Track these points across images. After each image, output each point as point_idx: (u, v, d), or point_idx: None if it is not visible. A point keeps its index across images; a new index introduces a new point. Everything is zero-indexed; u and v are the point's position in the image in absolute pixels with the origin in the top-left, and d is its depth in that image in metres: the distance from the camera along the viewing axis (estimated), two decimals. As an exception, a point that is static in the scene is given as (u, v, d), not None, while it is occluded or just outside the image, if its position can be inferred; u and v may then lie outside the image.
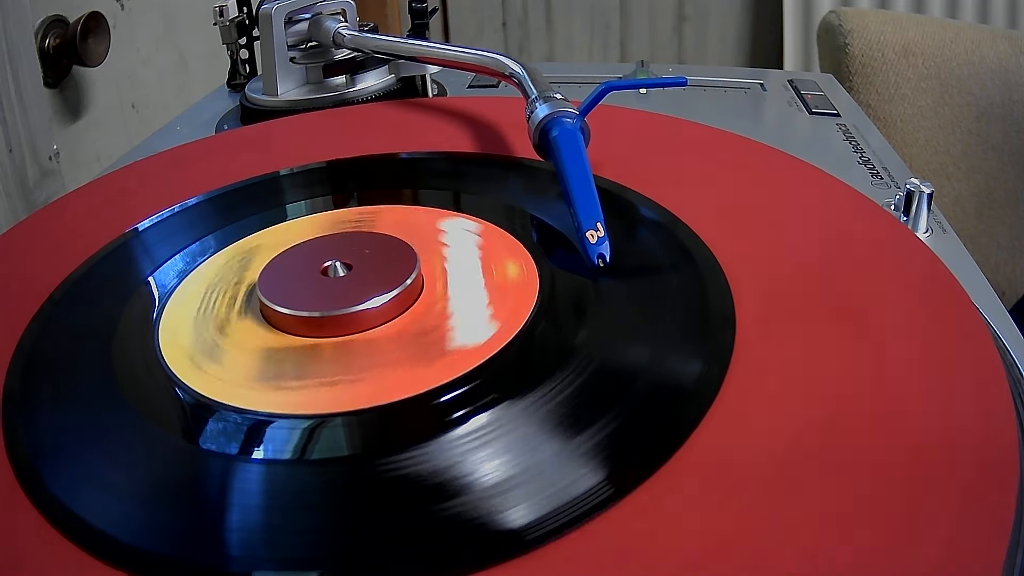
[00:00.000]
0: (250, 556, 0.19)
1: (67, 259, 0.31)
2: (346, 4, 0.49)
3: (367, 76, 0.49)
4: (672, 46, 1.45)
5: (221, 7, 0.55)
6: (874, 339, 0.23)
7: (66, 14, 0.57)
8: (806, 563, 0.17)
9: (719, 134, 0.37)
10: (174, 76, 0.74)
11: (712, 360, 0.23)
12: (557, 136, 0.31)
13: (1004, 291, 0.81)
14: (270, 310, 0.26)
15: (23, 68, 0.50)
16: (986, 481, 0.19)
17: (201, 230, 0.32)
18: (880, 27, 0.80)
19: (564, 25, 1.45)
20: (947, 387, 0.22)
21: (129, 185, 0.38)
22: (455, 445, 0.21)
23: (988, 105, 0.79)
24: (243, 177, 0.36)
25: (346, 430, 0.22)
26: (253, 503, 0.20)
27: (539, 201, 0.32)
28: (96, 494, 0.20)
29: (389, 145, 0.38)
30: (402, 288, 0.26)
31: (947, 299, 0.25)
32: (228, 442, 0.22)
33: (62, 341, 0.27)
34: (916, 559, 0.17)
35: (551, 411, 0.22)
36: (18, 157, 0.50)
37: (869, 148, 0.45)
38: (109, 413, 0.23)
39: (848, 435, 0.20)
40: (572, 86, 0.56)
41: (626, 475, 0.19)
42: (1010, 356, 0.27)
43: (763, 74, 0.58)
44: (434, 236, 0.30)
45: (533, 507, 0.19)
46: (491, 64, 0.40)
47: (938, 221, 0.36)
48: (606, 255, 0.27)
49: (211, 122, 0.52)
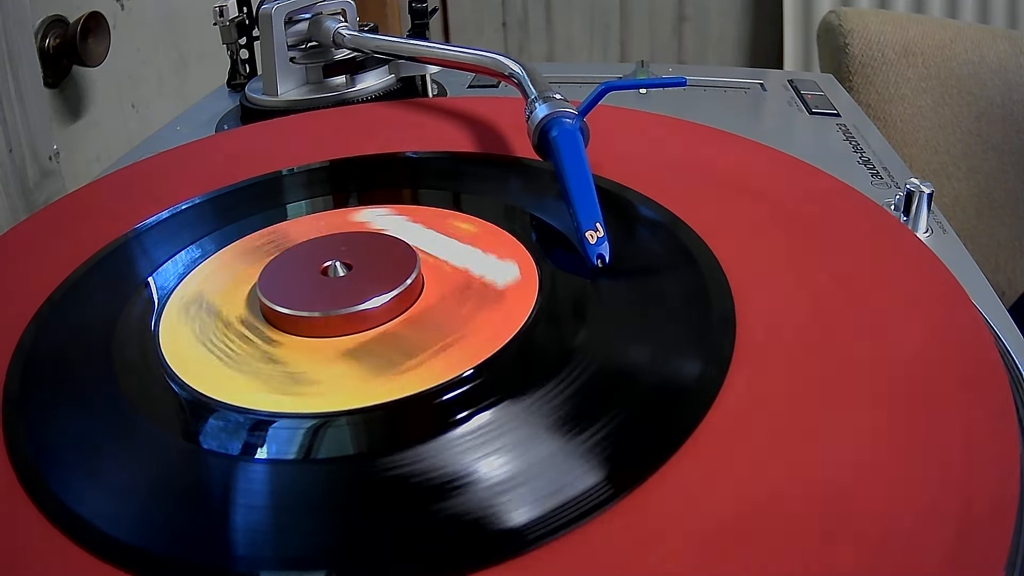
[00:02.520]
0: (251, 556, 0.19)
1: (67, 259, 0.31)
2: (346, 4, 0.49)
3: (367, 76, 0.49)
4: (672, 46, 1.45)
5: (221, 7, 0.55)
6: (874, 339, 0.24)
7: (66, 14, 0.57)
8: (805, 563, 0.17)
9: (719, 134, 0.37)
10: (174, 76, 0.74)
11: (712, 361, 0.23)
12: (556, 136, 0.31)
13: (1004, 291, 0.81)
14: (270, 310, 0.26)
15: (23, 68, 0.50)
16: (986, 481, 0.19)
17: (201, 230, 0.32)
18: (880, 27, 0.80)
19: (564, 25, 1.45)
20: (947, 387, 0.22)
21: (129, 185, 0.38)
22: (455, 445, 0.21)
23: (988, 105, 0.79)
24: (243, 177, 0.36)
25: (347, 430, 0.22)
26: (253, 503, 0.20)
27: (539, 201, 0.32)
28: (96, 494, 0.20)
29: (389, 145, 0.38)
30: (402, 288, 0.26)
31: (947, 299, 0.25)
32: (229, 442, 0.22)
33: (62, 341, 0.27)
34: (915, 559, 0.17)
35: (551, 411, 0.22)
36: (18, 157, 0.50)
37: (869, 148, 0.45)
38: (109, 413, 0.23)
39: (846, 435, 0.20)
40: (572, 86, 0.56)
41: (626, 475, 0.19)
42: (1010, 356, 0.27)
43: (763, 74, 0.58)
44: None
45: (534, 506, 0.19)
46: (491, 64, 0.40)
47: (938, 221, 0.36)
48: (605, 255, 0.27)
49: (211, 122, 0.52)
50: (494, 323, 0.25)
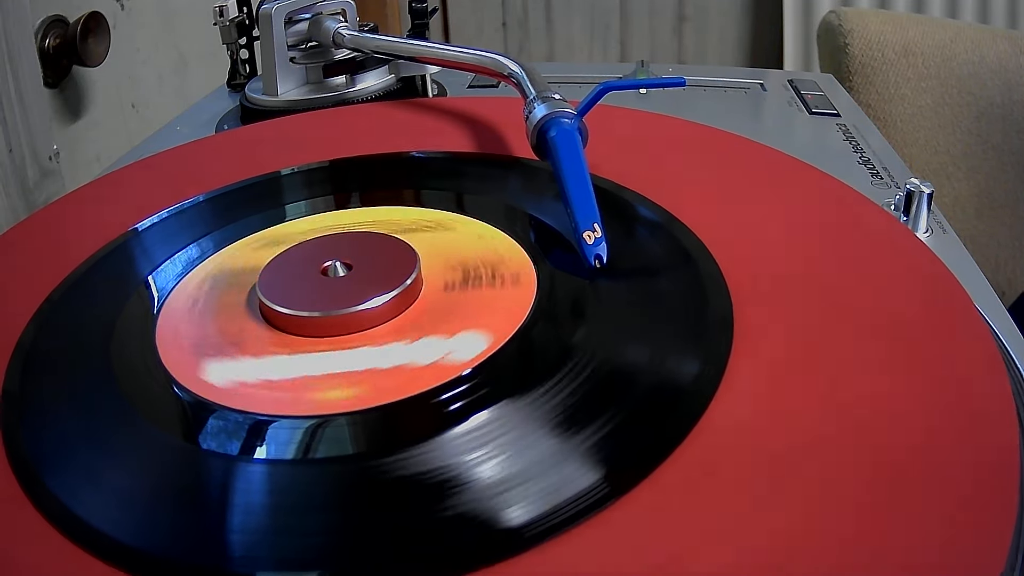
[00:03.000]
0: (250, 556, 0.19)
1: (67, 259, 0.31)
2: (346, 4, 0.49)
3: (367, 76, 0.49)
4: (672, 46, 1.45)
5: (221, 7, 0.55)
6: (874, 339, 0.24)
7: (66, 14, 0.57)
8: (803, 562, 0.17)
9: (718, 134, 0.37)
10: (174, 76, 0.74)
11: (710, 360, 0.23)
12: (555, 136, 0.31)
13: (1004, 291, 0.81)
14: (270, 310, 0.26)
15: (23, 68, 0.50)
16: (986, 482, 0.19)
17: (200, 230, 0.32)
18: (880, 27, 0.80)
19: (564, 25, 1.45)
20: (947, 387, 0.22)
21: (128, 185, 0.38)
22: (454, 444, 0.21)
23: (988, 105, 0.79)
24: (243, 177, 0.36)
25: (346, 430, 0.22)
26: (252, 503, 0.20)
27: (538, 201, 0.32)
28: (96, 494, 0.20)
29: (389, 145, 0.38)
30: (402, 288, 0.26)
31: (947, 299, 0.25)
32: (228, 442, 0.22)
33: (62, 341, 0.27)
34: (914, 561, 0.17)
35: (550, 410, 0.22)
36: (18, 157, 0.50)
37: (869, 148, 0.45)
38: (109, 413, 0.23)
39: (846, 435, 0.20)
40: (572, 86, 0.56)
41: (624, 474, 0.19)
42: (1010, 356, 0.27)
43: (763, 74, 0.58)
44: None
45: (532, 506, 0.19)
46: (490, 64, 0.40)
47: (938, 221, 0.36)
48: (603, 256, 0.27)
49: (211, 122, 0.52)
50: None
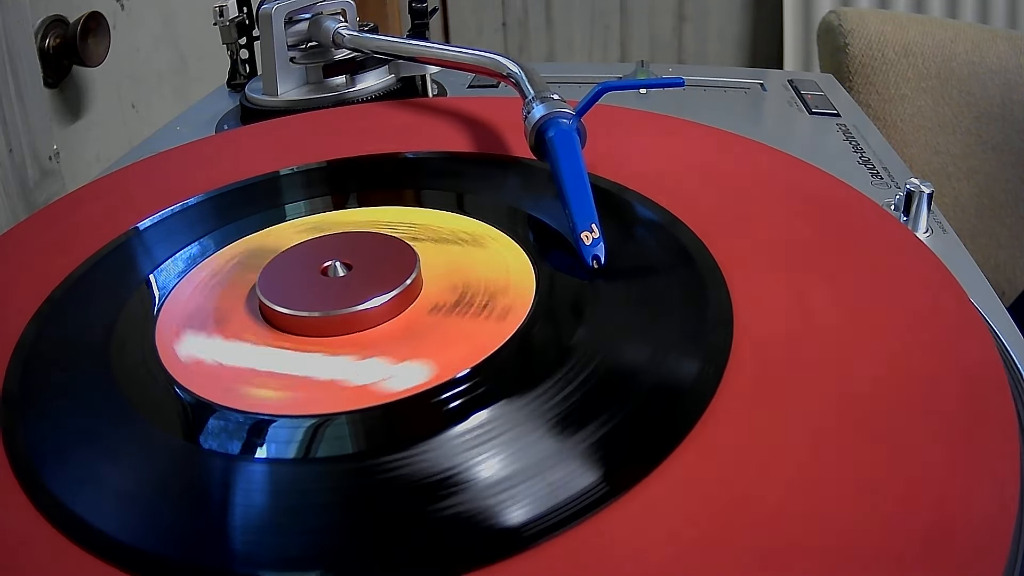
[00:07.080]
0: (250, 555, 0.19)
1: (67, 259, 0.31)
2: (346, 4, 0.49)
3: (367, 76, 0.49)
4: (672, 46, 1.45)
5: (221, 7, 0.55)
6: (874, 339, 0.24)
7: (66, 14, 0.57)
8: (802, 561, 0.17)
9: (718, 133, 0.37)
10: (174, 76, 0.74)
11: (709, 360, 0.23)
12: (553, 137, 0.31)
13: (1004, 291, 0.81)
14: (270, 310, 0.26)
15: (23, 68, 0.50)
16: (986, 481, 0.19)
17: (201, 230, 0.32)
18: (880, 27, 0.80)
19: (564, 25, 1.45)
20: (947, 387, 0.22)
21: (129, 185, 0.38)
22: (453, 444, 0.21)
23: (988, 105, 0.79)
24: (243, 177, 0.36)
25: (346, 429, 0.22)
26: (252, 502, 0.20)
27: (537, 201, 0.32)
28: (96, 494, 0.20)
29: (389, 145, 0.38)
30: (402, 288, 0.26)
31: (947, 299, 0.25)
32: (228, 442, 0.22)
33: (62, 341, 0.27)
34: (914, 561, 0.17)
35: (549, 410, 0.22)
36: (18, 157, 0.50)
37: (869, 148, 0.45)
38: (109, 413, 0.23)
39: (846, 435, 0.20)
40: (572, 86, 0.56)
41: (623, 474, 0.19)
42: (1010, 356, 0.27)
43: (763, 74, 0.58)
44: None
45: (532, 505, 0.19)
46: (489, 64, 0.40)
47: (938, 221, 0.36)
48: (601, 256, 0.27)
49: (211, 122, 0.52)
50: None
